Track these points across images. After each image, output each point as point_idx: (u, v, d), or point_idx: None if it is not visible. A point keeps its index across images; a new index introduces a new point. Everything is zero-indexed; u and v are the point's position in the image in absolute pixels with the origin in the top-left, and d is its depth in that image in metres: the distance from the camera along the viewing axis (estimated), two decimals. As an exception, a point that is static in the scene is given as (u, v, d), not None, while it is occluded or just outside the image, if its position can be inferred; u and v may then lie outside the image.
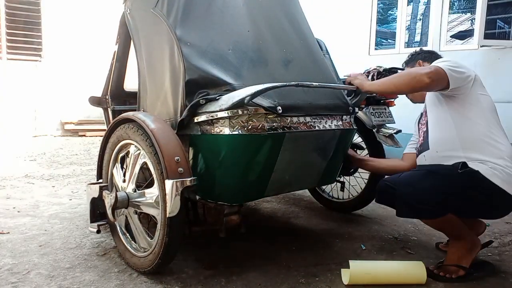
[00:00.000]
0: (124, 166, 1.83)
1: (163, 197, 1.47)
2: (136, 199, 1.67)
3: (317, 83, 1.62)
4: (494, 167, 1.57)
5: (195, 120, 1.56)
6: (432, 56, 1.98)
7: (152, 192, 1.59)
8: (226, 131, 1.47)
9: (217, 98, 1.51)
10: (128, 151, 1.76)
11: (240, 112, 1.46)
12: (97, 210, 1.77)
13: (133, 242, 1.78)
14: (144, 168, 1.68)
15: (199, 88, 1.58)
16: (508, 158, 1.61)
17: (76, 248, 1.95)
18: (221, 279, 1.64)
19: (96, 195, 1.73)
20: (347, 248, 2.01)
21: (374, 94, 2.37)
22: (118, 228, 1.82)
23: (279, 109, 1.53)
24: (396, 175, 1.73)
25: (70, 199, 2.86)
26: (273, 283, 1.62)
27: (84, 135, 6.88)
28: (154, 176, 1.55)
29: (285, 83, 1.49)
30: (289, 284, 1.62)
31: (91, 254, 1.88)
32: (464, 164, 1.58)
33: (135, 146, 1.67)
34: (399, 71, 2.31)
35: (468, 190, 1.58)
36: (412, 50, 2.15)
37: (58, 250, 1.92)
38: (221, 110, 1.47)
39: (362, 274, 1.62)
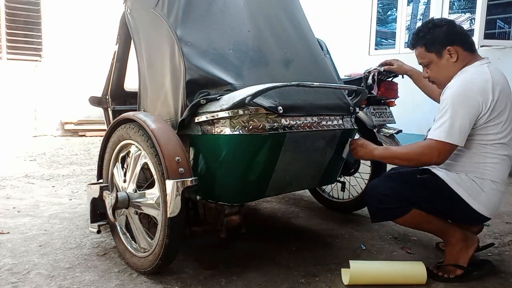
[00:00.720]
0: (125, 166, 1.83)
1: (163, 198, 1.47)
2: (137, 200, 1.67)
3: (318, 83, 1.62)
4: (464, 179, 1.56)
5: (196, 120, 1.56)
6: (458, 34, 1.65)
7: (153, 193, 1.59)
8: (227, 131, 1.47)
9: (218, 98, 1.51)
10: (129, 151, 1.75)
11: (241, 112, 1.46)
12: (97, 210, 1.77)
13: (133, 242, 1.77)
14: (144, 168, 1.68)
15: (200, 88, 1.57)
16: (491, 179, 1.58)
17: (76, 248, 1.95)
18: (221, 279, 1.64)
19: (96, 195, 1.73)
20: (347, 248, 2.01)
21: (375, 94, 2.37)
22: (119, 228, 1.82)
23: (280, 109, 1.52)
24: None
25: (70, 199, 2.86)
26: (273, 283, 1.62)
27: (84, 135, 6.88)
28: (155, 176, 1.55)
29: (286, 83, 1.48)
30: (289, 284, 1.62)
31: (91, 254, 1.88)
32: (425, 171, 1.58)
33: (136, 146, 1.67)
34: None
35: (430, 194, 1.60)
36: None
37: (58, 250, 1.92)
38: (221, 110, 1.47)
39: (362, 274, 1.62)
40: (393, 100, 2.51)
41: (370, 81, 2.32)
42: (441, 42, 1.66)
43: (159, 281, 1.60)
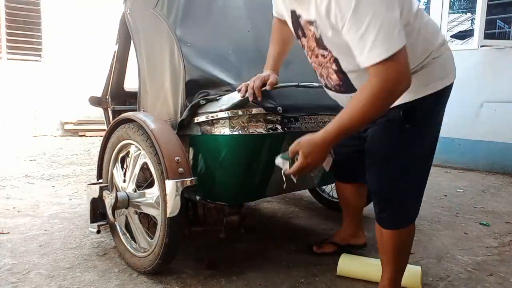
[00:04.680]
0: (124, 166, 1.83)
1: (163, 197, 1.47)
2: (137, 199, 1.67)
3: (317, 84, 1.62)
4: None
5: (195, 121, 1.56)
6: None
7: (153, 192, 1.59)
8: (227, 131, 1.47)
9: (218, 98, 1.51)
10: (129, 151, 1.76)
11: (240, 113, 1.46)
12: (97, 210, 1.77)
13: (133, 242, 1.78)
14: (144, 168, 1.68)
15: (200, 88, 1.58)
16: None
17: (76, 248, 1.95)
18: (221, 279, 1.64)
19: (96, 195, 1.74)
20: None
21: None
22: (118, 228, 1.82)
23: (280, 110, 1.52)
24: None
25: (70, 199, 2.86)
26: (273, 283, 1.62)
27: (84, 135, 6.87)
28: (155, 176, 1.55)
29: (285, 84, 1.49)
30: (289, 284, 1.62)
31: (91, 254, 1.88)
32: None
33: (136, 146, 1.67)
34: None
35: None
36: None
37: (58, 250, 1.92)
38: (221, 111, 1.47)
39: (350, 267, 1.67)
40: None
41: None
42: None
43: (159, 281, 1.61)
